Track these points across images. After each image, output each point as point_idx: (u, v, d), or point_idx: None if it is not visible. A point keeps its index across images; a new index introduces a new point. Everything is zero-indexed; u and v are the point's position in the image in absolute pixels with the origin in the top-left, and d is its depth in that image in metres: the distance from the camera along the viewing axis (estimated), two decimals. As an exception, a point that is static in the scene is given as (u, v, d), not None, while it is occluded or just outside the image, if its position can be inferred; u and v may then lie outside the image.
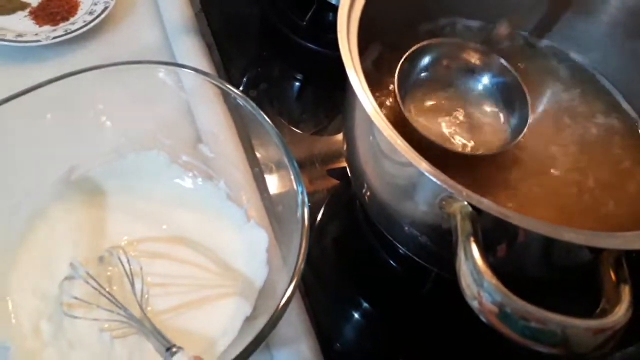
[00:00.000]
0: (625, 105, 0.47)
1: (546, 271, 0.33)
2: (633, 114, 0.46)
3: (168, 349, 0.34)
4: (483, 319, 0.26)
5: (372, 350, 0.44)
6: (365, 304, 0.46)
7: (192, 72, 0.44)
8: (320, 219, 0.50)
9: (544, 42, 0.51)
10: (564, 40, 0.50)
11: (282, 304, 0.32)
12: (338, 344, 0.43)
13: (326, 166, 0.54)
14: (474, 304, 0.26)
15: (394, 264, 0.47)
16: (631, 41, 0.45)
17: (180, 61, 0.57)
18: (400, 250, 0.44)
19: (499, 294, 0.25)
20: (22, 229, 0.41)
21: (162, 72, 0.45)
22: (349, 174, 0.45)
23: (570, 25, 0.48)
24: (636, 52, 0.45)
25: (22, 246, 0.40)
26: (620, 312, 0.25)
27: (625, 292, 0.26)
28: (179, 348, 0.34)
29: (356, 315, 0.45)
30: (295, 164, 0.39)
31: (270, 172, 0.45)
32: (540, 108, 0.46)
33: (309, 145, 0.56)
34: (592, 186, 0.41)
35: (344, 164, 0.50)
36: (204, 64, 0.56)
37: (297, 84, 0.62)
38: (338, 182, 0.53)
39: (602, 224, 0.39)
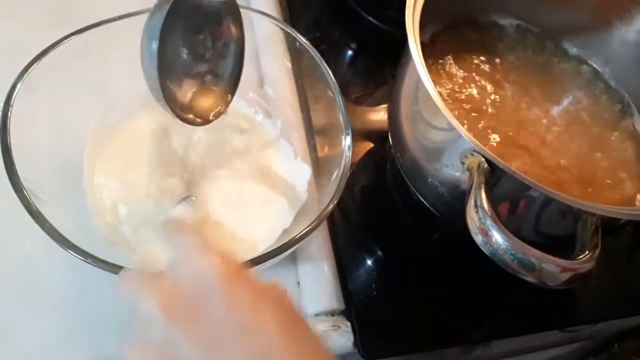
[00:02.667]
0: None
1: (541, 230, 0.39)
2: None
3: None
4: (482, 249, 0.33)
5: (381, 287, 0.50)
6: (379, 250, 0.52)
7: (268, 18, 0.50)
8: (353, 171, 0.56)
9: (573, 49, 0.56)
10: (590, 48, 0.55)
11: (316, 221, 0.39)
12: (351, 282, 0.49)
13: (365, 129, 0.60)
14: (477, 238, 0.34)
15: (410, 219, 0.54)
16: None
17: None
18: (419, 208, 0.51)
19: (497, 229, 0.32)
20: (113, 125, 0.48)
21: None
22: (389, 133, 0.51)
23: (599, 36, 0.54)
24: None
25: (111, 139, 0.47)
26: (586, 261, 0.32)
27: (595, 251, 0.33)
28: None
29: (369, 259, 0.51)
30: (346, 114, 0.45)
31: (320, 119, 0.52)
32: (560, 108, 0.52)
33: (353, 109, 0.61)
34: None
35: (381, 129, 0.57)
36: (274, 15, 0.62)
37: (351, 52, 0.67)
38: (373, 145, 0.59)
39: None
